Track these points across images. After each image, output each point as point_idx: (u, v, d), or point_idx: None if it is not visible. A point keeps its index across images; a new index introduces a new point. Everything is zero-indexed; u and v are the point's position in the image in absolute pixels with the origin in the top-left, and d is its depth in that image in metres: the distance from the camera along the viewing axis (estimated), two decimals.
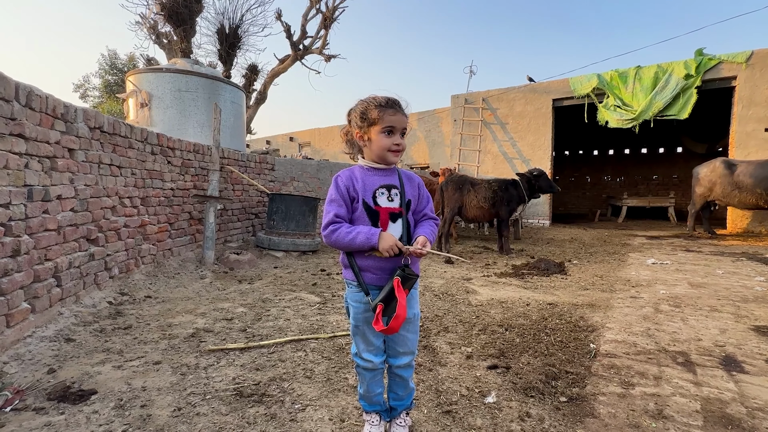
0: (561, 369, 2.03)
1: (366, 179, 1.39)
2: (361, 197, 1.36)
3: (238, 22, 11.15)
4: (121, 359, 2.10)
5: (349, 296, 1.43)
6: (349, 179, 1.39)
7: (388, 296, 1.28)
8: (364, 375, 1.45)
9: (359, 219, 1.37)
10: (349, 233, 1.31)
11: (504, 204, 5.69)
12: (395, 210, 1.39)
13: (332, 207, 1.37)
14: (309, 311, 3.01)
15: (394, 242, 1.29)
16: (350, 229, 1.32)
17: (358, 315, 1.39)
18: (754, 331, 2.56)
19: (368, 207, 1.36)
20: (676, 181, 14.70)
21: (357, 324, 1.41)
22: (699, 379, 1.91)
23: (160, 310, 2.96)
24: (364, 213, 1.36)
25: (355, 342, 1.45)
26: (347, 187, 1.38)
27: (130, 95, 5.91)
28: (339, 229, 1.32)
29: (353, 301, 1.41)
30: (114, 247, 3.25)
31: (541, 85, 10.35)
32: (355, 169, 1.43)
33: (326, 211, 1.37)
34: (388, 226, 1.37)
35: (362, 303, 1.38)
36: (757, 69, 7.90)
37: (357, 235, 1.30)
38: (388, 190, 1.40)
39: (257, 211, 6.13)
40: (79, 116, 2.83)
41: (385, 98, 1.38)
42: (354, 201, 1.37)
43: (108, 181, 3.19)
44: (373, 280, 1.36)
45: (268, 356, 2.17)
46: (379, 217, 1.37)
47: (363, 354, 1.43)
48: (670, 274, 4.33)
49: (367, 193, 1.37)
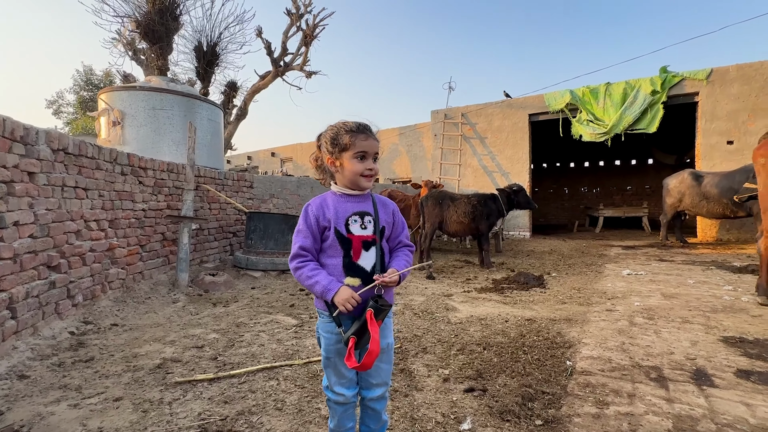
0: (537, 389, 2.02)
1: (338, 206, 1.36)
2: (333, 225, 1.33)
3: (216, 39, 11.14)
4: (79, 396, 1.97)
5: (321, 326, 1.37)
6: (319, 208, 1.36)
7: (360, 329, 1.24)
8: (335, 409, 1.39)
9: (331, 247, 1.34)
10: (309, 278, 1.28)
11: (483, 218, 5.75)
12: (368, 238, 1.36)
13: (298, 238, 1.34)
14: (285, 335, 2.92)
15: (348, 297, 1.25)
16: (311, 273, 1.29)
17: (330, 347, 1.34)
18: (722, 343, 2.61)
19: (341, 235, 1.33)
20: (649, 191, 15.23)
21: (329, 356, 1.35)
22: (671, 395, 1.93)
23: (126, 339, 2.82)
24: (336, 241, 1.33)
25: (326, 374, 1.39)
26: (317, 216, 1.34)
27: (102, 113, 5.77)
28: (302, 269, 1.30)
29: (324, 332, 1.35)
30: (78, 273, 3.10)
31: (518, 100, 10.65)
32: (327, 196, 1.40)
33: (293, 242, 1.35)
34: (360, 254, 1.34)
35: (334, 334, 1.33)
36: (717, 85, 8.34)
37: (315, 284, 1.28)
38: (361, 218, 1.36)
39: (235, 229, 6.00)
40: (41, 138, 2.73)
41: (356, 123, 1.36)
42: (326, 230, 1.34)
43: (72, 204, 3.07)
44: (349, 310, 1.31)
45: (238, 387, 2.08)
46: (351, 245, 1.33)
47: (335, 387, 1.37)
48: (645, 285, 4.43)
49: (340, 221, 1.34)
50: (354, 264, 1.33)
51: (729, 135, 8.27)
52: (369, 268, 1.34)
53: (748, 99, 8.08)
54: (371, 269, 1.34)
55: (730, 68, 8.25)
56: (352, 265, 1.33)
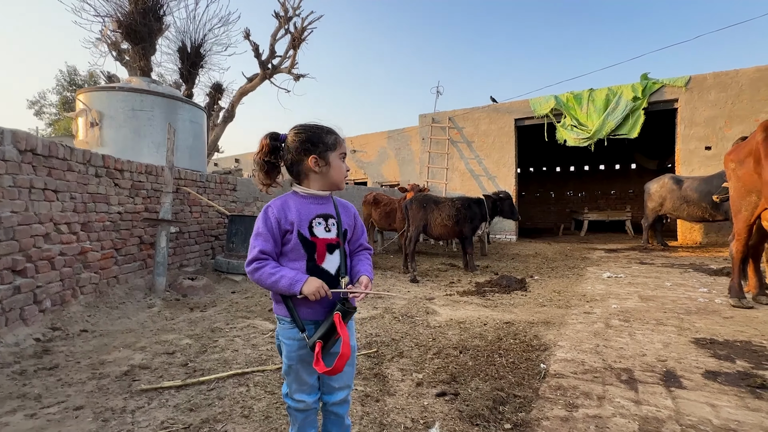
0: (509, 393, 2.01)
1: (301, 208, 1.32)
2: (296, 228, 1.29)
3: (200, 41, 11.02)
4: (38, 406, 1.90)
5: (281, 333, 1.32)
6: (281, 210, 1.31)
7: (327, 333, 1.22)
8: (296, 416, 1.36)
9: (293, 251, 1.29)
10: (272, 275, 1.23)
11: (467, 222, 5.77)
12: (332, 241, 1.33)
13: (257, 242, 1.27)
14: (260, 340, 2.87)
15: (320, 286, 1.23)
16: (274, 270, 1.24)
17: (292, 353, 1.30)
18: (694, 344, 2.65)
19: (304, 238, 1.29)
20: (632, 196, 15.53)
21: (290, 363, 1.31)
22: (640, 397, 1.94)
23: (95, 345, 2.74)
24: (300, 245, 1.29)
25: (287, 382, 1.36)
26: (278, 219, 1.29)
27: (80, 114, 5.64)
28: (263, 268, 1.24)
29: (286, 339, 1.31)
30: (46, 277, 3.00)
31: (504, 105, 10.78)
32: (288, 198, 1.35)
33: (251, 246, 1.28)
34: (325, 258, 1.31)
35: (296, 340, 1.29)
36: (696, 92, 8.56)
37: (280, 279, 1.22)
38: (325, 220, 1.34)
39: (217, 233, 5.91)
40: (6, 138, 2.64)
41: (331, 125, 1.36)
42: (287, 233, 1.29)
43: (41, 206, 2.98)
44: (309, 314, 1.29)
45: (206, 394, 2.03)
46: (315, 248, 1.30)
47: (295, 395, 1.33)
48: (623, 288, 4.48)
49: (303, 224, 1.30)
50: (318, 267, 1.30)
51: (707, 140, 8.48)
52: (333, 271, 1.32)
53: (724, 106, 8.30)
54: (336, 272, 1.32)
55: (707, 76, 8.48)
56: (316, 268, 1.30)
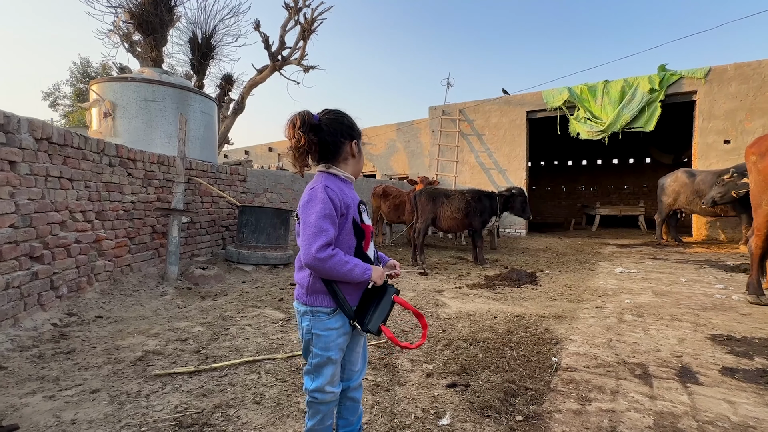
0: (521, 385, 2.00)
1: (348, 192, 1.28)
2: (351, 213, 1.25)
3: (211, 32, 11.03)
4: (56, 388, 1.94)
5: (316, 326, 1.24)
6: (341, 191, 1.24)
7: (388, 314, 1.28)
8: (321, 409, 1.29)
9: (346, 236, 1.25)
10: (346, 263, 1.18)
11: (477, 215, 5.72)
12: (372, 228, 1.37)
13: (327, 224, 1.17)
14: (271, 329, 2.90)
15: (382, 272, 1.28)
16: (347, 258, 1.20)
17: (331, 343, 1.25)
18: (710, 340, 2.60)
19: (356, 224, 1.27)
20: (646, 190, 15.23)
21: (329, 354, 1.25)
22: (654, 392, 1.91)
23: (110, 331, 2.79)
24: (352, 231, 1.26)
25: (321, 375, 1.26)
26: (340, 201, 1.22)
27: (93, 104, 5.70)
28: (337, 255, 1.17)
29: (322, 330, 1.24)
30: (62, 264, 3.06)
31: (516, 97, 10.60)
32: (333, 179, 1.27)
33: (319, 228, 1.16)
34: (369, 245, 1.33)
35: (334, 329, 1.25)
36: (715, 84, 8.31)
37: (354, 267, 1.19)
38: (366, 207, 1.36)
39: (227, 223, 5.96)
40: (23, 127, 2.68)
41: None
42: (342, 216, 1.23)
43: (57, 194, 3.02)
44: (352, 302, 1.27)
45: (219, 380, 2.05)
46: (364, 235, 1.29)
47: (327, 387, 1.26)
48: (636, 283, 4.41)
49: (354, 209, 1.27)
50: (364, 254, 1.31)
51: (726, 134, 8.25)
52: (372, 257, 1.35)
53: (745, 98, 8.05)
54: (374, 258, 1.36)
55: (728, 67, 8.21)
56: (362, 255, 1.30)
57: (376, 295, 1.27)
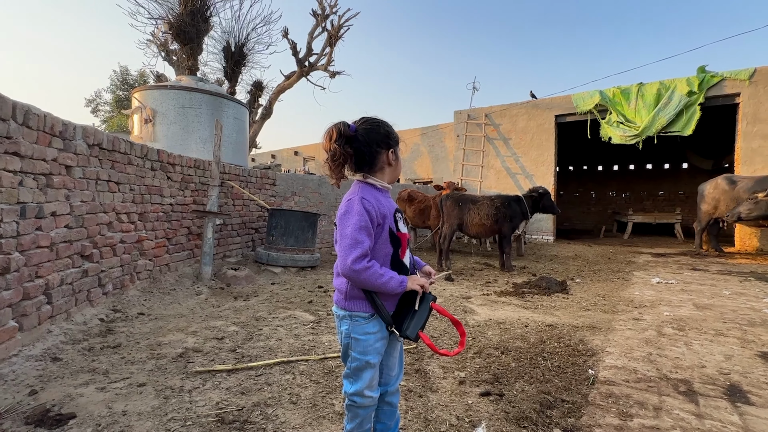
0: (557, 397, 1.95)
1: (384, 202, 1.30)
2: (387, 223, 1.27)
3: (244, 40, 11.42)
4: (106, 380, 2.06)
5: (355, 330, 1.27)
6: (377, 201, 1.26)
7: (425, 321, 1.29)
8: (359, 413, 1.31)
9: (382, 245, 1.27)
10: (382, 275, 1.21)
11: (506, 220, 5.64)
12: (408, 236, 1.38)
13: (363, 236, 1.20)
14: (302, 330, 2.96)
15: (424, 281, 1.29)
16: (382, 270, 1.22)
17: (369, 347, 1.27)
18: (760, 358, 2.45)
19: (392, 233, 1.28)
20: (683, 197, 14.54)
21: (368, 359, 1.27)
22: (701, 411, 1.82)
23: (151, 327, 2.93)
24: (388, 240, 1.27)
25: (360, 379, 1.28)
26: (376, 212, 1.24)
27: (135, 111, 6.02)
28: (373, 267, 1.20)
29: (360, 335, 1.26)
30: (109, 263, 3.24)
31: (544, 101, 10.40)
32: (369, 190, 1.29)
33: (355, 239, 1.19)
34: (406, 252, 1.35)
35: (372, 333, 1.27)
36: (761, 86, 7.86)
37: (390, 280, 1.21)
38: (402, 215, 1.38)
39: (257, 226, 6.13)
40: (78, 133, 2.87)
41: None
42: (379, 226, 1.25)
43: (105, 197, 3.21)
44: (389, 307, 1.29)
45: (255, 379, 2.12)
46: (401, 243, 1.31)
47: (366, 391, 1.28)
48: (675, 295, 4.22)
49: (390, 218, 1.29)
50: (400, 262, 1.32)
51: None
52: (409, 265, 1.36)
53: None
54: (410, 266, 1.37)
55: None
56: (398, 263, 1.31)
57: (413, 301, 1.29)
